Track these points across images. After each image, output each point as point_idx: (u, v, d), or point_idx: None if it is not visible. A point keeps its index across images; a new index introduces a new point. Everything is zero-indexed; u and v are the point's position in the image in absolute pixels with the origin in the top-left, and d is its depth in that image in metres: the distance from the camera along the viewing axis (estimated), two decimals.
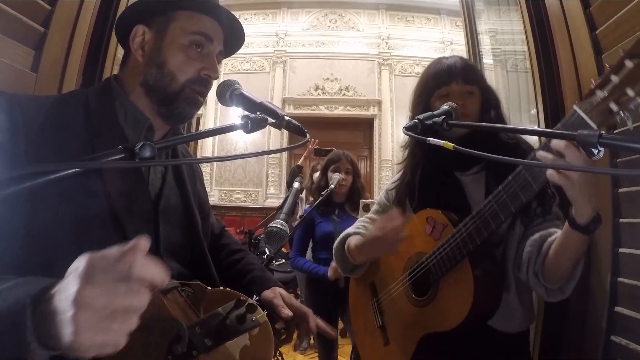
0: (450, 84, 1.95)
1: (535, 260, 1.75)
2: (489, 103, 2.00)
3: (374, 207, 2.46)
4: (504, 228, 1.89)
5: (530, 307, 2.00)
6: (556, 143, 1.36)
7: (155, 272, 0.84)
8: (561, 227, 1.62)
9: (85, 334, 0.77)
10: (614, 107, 1.23)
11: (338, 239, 2.32)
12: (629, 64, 1.19)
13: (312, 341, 6.62)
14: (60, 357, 0.83)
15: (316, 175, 6.35)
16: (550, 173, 1.40)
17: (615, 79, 1.22)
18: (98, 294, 0.78)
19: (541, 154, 1.43)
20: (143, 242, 0.84)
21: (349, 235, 2.27)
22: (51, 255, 1.15)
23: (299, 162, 6.71)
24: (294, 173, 6.45)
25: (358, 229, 2.31)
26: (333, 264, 3.80)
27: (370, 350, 2.28)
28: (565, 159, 1.34)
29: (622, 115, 1.22)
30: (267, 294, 1.65)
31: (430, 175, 2.04)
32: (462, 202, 1.86)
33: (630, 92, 1.18)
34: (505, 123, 2.03)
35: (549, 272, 1.70)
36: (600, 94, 1.26)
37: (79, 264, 0.81)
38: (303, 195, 6.30)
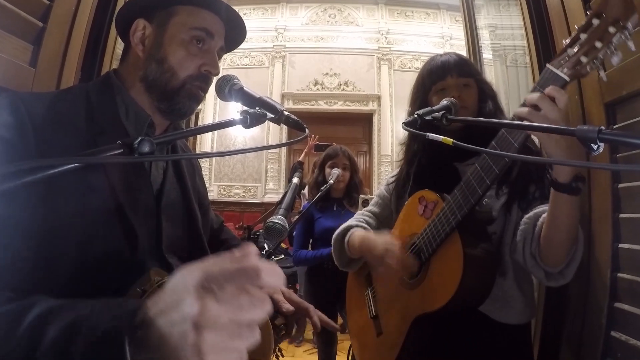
0: (445, 78, 2.00)
1: (530, 239, 1.72)
2: (486, 94, 2.05)
3: (373, 199, 2.47)
4: (496, 207, 1.90)
5: (532, 298, 1.99)
6: (530, 97, 1.41)
7: (277, 277, 0.74)
8: None
9: (208, 356, 0.68)
10: (583, 59, 1.36)
11: (338, 231, 2.32)
12: (595, 22, 1.32)
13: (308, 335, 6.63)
14: None
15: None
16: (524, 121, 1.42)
17: (583, 36, 1.36)
18: (222, 311, 0.69)
19: (519, 110, 1.47)
20: (253, 248, 0.76)
21: (350, 227, 2.28)
22: (55, 251, 1.15)
23: (300, 158, 6.72)
24: (295, 169, 6.44)
25: (359, 222, 2.32)
26: None
27: (363, 344, 2.29)
28: (541, 113, 1.38)
29: (593, 64, 1.35)
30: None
31: (427, 167, 2.08)
32: None
33: (598, 44, 1.31)
34: (502, 112, 2.07)
35: (546, 250, 1.67)
36: (571, 51, 1.39)
37: (189, 276, 0.72)
38: (305, 191, 6.31)
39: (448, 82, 1.99)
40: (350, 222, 2.34)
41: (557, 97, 1.36)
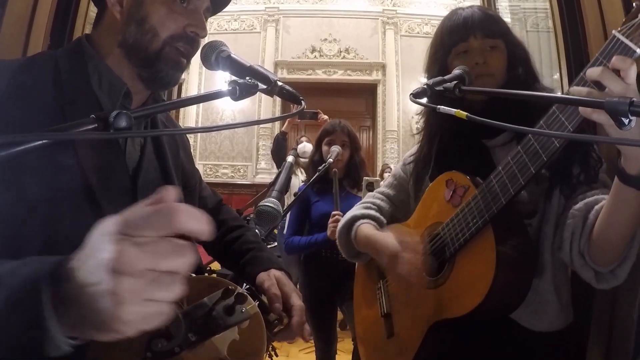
0: (468, 39, 1.86)
1: (580, 234, 1.61)
2: (516, 58, 1.90)
3: (388, 180, 2.37)
4: (537, 199, 1.79)
5: (568, 302, 1.87)
6: (590, 72, 1.25)
7: (200, 223, 0.76)
8: None
9: (127, 306, 0.71)
10: None
11: (342, 222, 2.24)
12: None
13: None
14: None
15: (300, 146, 6.29)
16: (583, 109, 1.29)
17: None
18: (139, 255, 0.71)
19: (575, 89, 1.33)
20: (172, 191, 0.80)
21: (357, 218, 2.18)
22: (18, 236, 1.15)
23: (283, 128, 6.62)
24: (278, 141, 6.38)
25: (368, 209, 2.23)
26: (330, 220, 3.72)
27: (371, 345, 2.24)
28: (605, 92, 1.22)
29: None
30: (262, 276, 1.63)
31: (450, 146, 1.95)
32: (490, 171, 1.71)
33: None
34: (536, 79, 1.92)
35: (598, 249, 1.57)
36: None
37: (105, 225, 0.74)
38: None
39: (471, 43, 1.85)
40: (356, 210, 2.25)
41: (625, 70, 1.18)
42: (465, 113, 1.24)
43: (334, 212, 3.65)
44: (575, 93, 1.29)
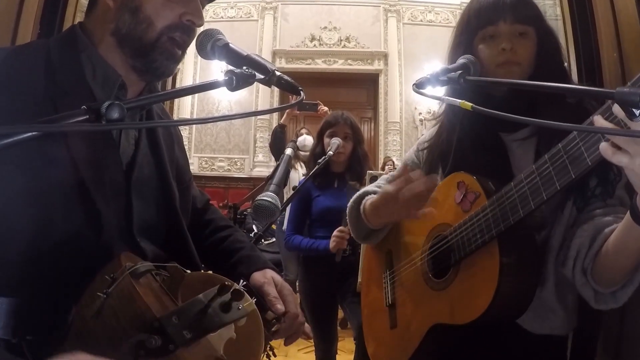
0: (497, 23, 1.77)
1: (585, 254, 1.58)
2: (546, 48, 1.82)
3: (401, 165, 2.28)
4: (548, 210, 1.75)
5: (574, 309, 1.84)
6: (618, 110, 1.11)
7: None
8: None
9: None
10: None
11: (353, 198, 2.22)
12: None
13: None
14: None
15: (300, 139, 6.27)
16: (604, 148, 1.18)
17: None
18: None
19: (598, 120, 1.22)
20: None
21: (366, 193, 2.16)
22: (6, 233, 1.15)
23: (282, 120, 6.58)
24: (277, 133, 6.35)
25: (377, 187, 2.19)
26: (336, 232, 3.74)
27: (375, 331, 2.25)
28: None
29: None
30: (258, 276, 1.63)
31: (469, 136, 1.88)
32: (504, 170, 1.72)
33: None
34: (565, 73, 1.89)
35: (602, 271, 1.54)
36: None
37: None
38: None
39: (500, 28, 1.77)
40: (367, 187, 2.24)
41: None
42: (471, 104, 1.22)
43: (340, 228, 3.62)
44: (598, 124, 1.21)
